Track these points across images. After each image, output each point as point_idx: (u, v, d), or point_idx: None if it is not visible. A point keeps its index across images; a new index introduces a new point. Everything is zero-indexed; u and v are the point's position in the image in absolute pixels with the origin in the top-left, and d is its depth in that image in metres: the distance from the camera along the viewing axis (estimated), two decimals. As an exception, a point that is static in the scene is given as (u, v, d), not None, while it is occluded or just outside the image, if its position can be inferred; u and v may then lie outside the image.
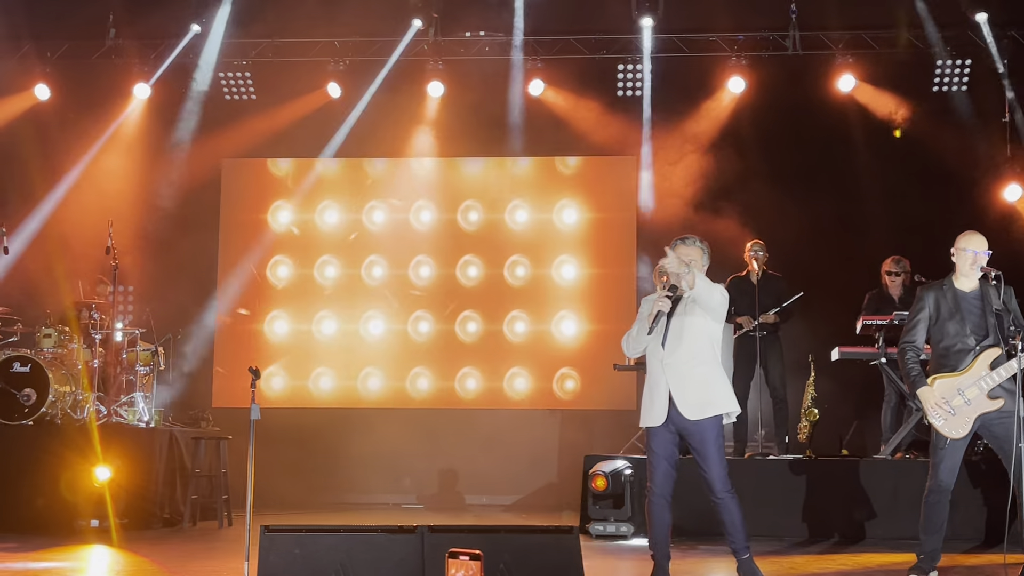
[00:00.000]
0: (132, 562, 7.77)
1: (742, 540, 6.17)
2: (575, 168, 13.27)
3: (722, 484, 6.12)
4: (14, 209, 12.28)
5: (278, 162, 13.51)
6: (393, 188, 13.42)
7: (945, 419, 6.60)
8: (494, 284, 13.22)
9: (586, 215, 13.16)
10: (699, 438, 6.15)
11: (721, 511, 6.15)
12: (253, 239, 13.42)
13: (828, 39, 12.42)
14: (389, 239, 13.36)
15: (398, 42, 12.70)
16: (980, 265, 6.72)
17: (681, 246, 6.27)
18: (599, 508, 9.31)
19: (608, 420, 12.53)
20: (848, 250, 11.97)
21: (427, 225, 13.36)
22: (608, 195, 13.19)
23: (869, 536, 9.05)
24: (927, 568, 6.72)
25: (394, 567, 5.80)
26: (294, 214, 13.41)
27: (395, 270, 13.29)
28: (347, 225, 13.41)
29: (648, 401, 6.23)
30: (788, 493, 9.22)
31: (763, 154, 12.38)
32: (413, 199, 13.36)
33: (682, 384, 6.14)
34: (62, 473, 9.40)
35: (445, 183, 13.43)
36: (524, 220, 13.27)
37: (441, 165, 13.43)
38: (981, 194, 12.11)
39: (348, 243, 13.32)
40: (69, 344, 10.39)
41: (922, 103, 12.40)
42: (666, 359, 6.16)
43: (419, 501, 12.72)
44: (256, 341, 13.25)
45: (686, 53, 12.63)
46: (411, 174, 13.43)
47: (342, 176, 13.51)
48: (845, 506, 9.22)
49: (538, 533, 6.09)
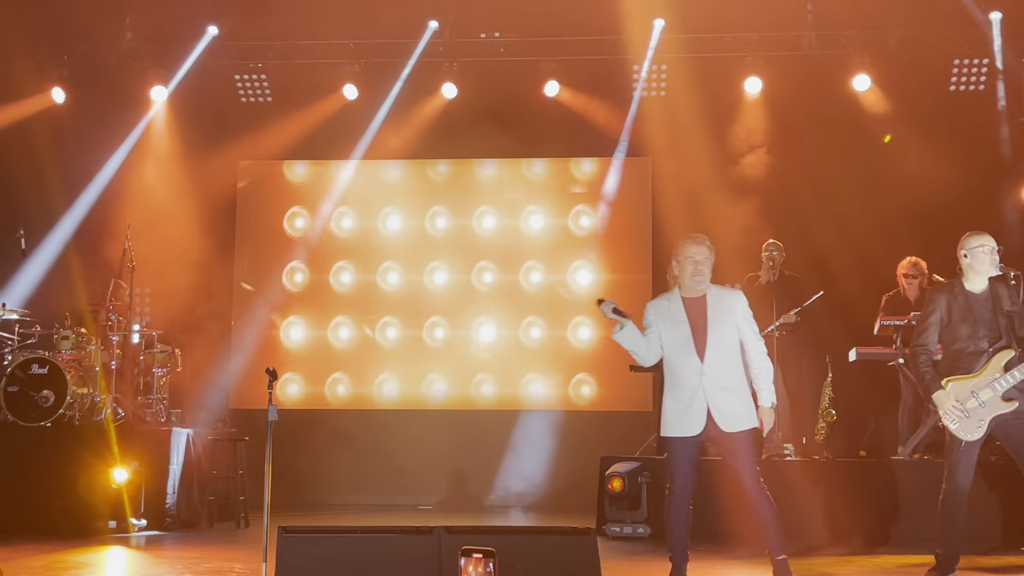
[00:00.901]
0: (150, 563, 7.79)
1: (778, 541, 6.16)
2: (590, 171, 13.24)
3: (755, 486, 6.13)
4: (32, 211, 12.31)
5: (294, 165, 13.53)
6: (408, 192, 13.42)
7: (959, 421, 6.57)
8: (510, 289, 13.21)
9: (601, 218, 13.13)
10: (733, 447, 6.15)
11: (757, 513, 6.16)
12: (269, 242, 13.46)
13: (844, 38, 12.38)
14: (403, 244, 13.38)
15: (413, 43, 12.70)
16: (997, 260, 6.71)
17: (692, 245, 6.27)
18: (615, 509, 9.31)
19: (624, 421, 12.51)
20: (866, 250, 11.91)
21: (442, 231, 13.37)
22: (623, 196, 13.16)
23: (887, 537, 9.00)
24: (946, 570, 6.70)
25: (411, 568, 5.80)
26: (310, 219, 13.43)
27: (410, 275, 13.31)
28: (364, 230, 13.42)
29: (679, 411, 6.18)
30: (805, 495, 9.18)
31: (779, 154, 12.36)
32: (427, 205, 13.35)
33: (722, 398, 6.13)
34: (80, 475, 9.44)
35: (458, 187, 13.43)
36: (538, 225, 13.25)
37: (454, 167, 13.42)
38: (1000, 194, 12.04)
39: (364, 248, 13.34)
40: (87, 346, 10.43)
41: (939, 103, 12.35)
42: (706, 371, 6.14)
43: (435, 503, 12.72)
44: (272, 342, 13.28)
45: (701, 53, 12.60)
46: (425, 178, 13.43)
47: (359, 180, 13.52)
48: (862, 508, 9.17)
49: (555, 534, 6.09)
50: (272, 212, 13.54)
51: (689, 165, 12.45)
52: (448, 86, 12.84)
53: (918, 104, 12.35)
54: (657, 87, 12.83)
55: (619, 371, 11.80)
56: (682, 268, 6.29)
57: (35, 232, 12.00)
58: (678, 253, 6.32)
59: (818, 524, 9.12)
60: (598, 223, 13.12)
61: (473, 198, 13.40)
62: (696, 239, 6.32)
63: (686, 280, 6.27)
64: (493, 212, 13.32)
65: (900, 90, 12.38)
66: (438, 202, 13.38)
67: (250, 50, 12.90)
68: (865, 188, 12.21)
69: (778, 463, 9.66)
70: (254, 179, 13.63)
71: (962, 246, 6.79)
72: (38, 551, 8.08)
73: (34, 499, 9.42)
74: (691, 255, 6.24)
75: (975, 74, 12.34)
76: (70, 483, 9.44)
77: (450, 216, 13.36)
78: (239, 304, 13.36)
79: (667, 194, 12.64)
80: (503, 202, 13.35)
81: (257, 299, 13.35)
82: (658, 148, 12.76)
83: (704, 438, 6.18)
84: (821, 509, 9.18)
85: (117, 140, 12.86)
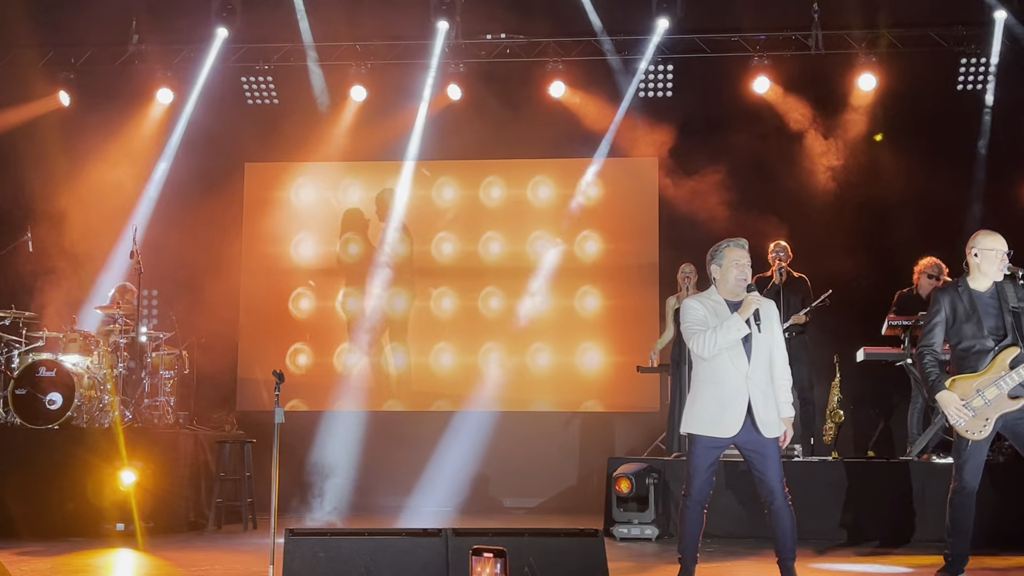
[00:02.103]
0: (158, 566, 7.80)
1: (792, 548, 6.16)
2: (596, 170, 13.23)
3: (782, 492, 6.13)
4: (39, 214, 12.34)
5: (299, 166, 13.55)
6: (421, 193, 13.44)
7: (966, 420, 6.54)
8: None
9: (608, 217, 13.13)
10: (764, 452, 6.13)
11: (777, 518, 6.13)
12: (275, 244, 13.48)
13: (851, 38, 12.36)
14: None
15: (420, 45, 12.71)
16: (1007, 264, 6.67)
17: (737, 248, 6.25)
18: (623, 511, 9.28)
19: (631, 422, 12.50)
20: (874, 249, 11.89)
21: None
22: (630, 197, 13.15)
23: (896, 538, 8.97)
24: (955, 570, 6.66)
25: (419, 570, 5.80)
26: (315, 230, 13.49)
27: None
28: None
29: (716, 411, 6.13)
30: (813, 496, 9.15)
31: (787, 153, 12.34)
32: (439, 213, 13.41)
33: (765, 402, 6.12)
34: (88, 477, 9.45)
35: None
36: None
37: (458, 168, 13.44)
38: (1008, 192, 12.01)
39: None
40: (94, 348, 10.44)
41: (946, 102, 12.33)
42: (751, 375, 6.11)
43: (442, 505, 12.69)
44: (280, 344, 13.31)
45: (708, 54, 12.59)
46: (437, 180, 13.44)
47: (363, 181, 13.53)
48: (871, 509, 9.16)
49: (563, 536, 6.08)
50: (278, 212, 13.55)
51: (696, 164, 12.44)
52: (453, 87, 12.82)
53: (922, 103, 12.32)
54: (664, 87, 12.82)
55: (627, 370, 11.82)
56: (725, 271, 6.23)
57: (42, 235, 12.02)
58: (720, 256, 6.26)
59: (826, 525, 9.10)
60: (604, 222, 13.13)
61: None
62: (739, 242, 6.27)
63: (731, 284, 6.20)
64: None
65: (907, 89, 12.35)
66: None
67: (256, 52, 12.91)
68: (873, 186, 12.18)
69: (786, 464, 9.62)
70: (260, 179, 13.63)
71: (972, 244, 6.74)
72: (46, 553, 8.10)
73: (42, 502, 9.42)
74: (736, 259, 6.20)
75: (982, 73, 12.30)
76: (78, 486, 9.45)
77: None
78: (245, 303, 13.37)
79: (673, 195, 12.66)
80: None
81: (263, 298, 13.38)
82: (664, 148, 12.79)
83: (736, 442, 6.15)
84: (829, 510, 9.16)
85: (124, 143, 12.87)
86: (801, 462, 9.57)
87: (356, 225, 13.50)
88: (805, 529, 8.95)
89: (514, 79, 12.86)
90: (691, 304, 6.31)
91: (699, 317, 6.21)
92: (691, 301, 6.34)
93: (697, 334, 6.16)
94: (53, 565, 7.54)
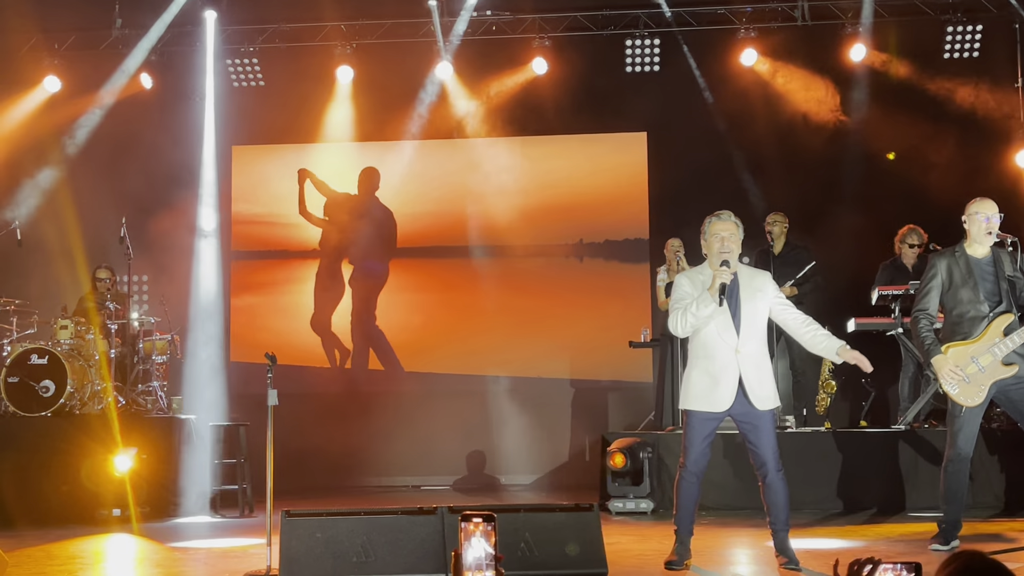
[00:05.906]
0: (155, 550, 7.81)
1: (785, 519, 6.19)
2: (585, 146, 13.20)
3: (776, 464, 6.15)
4: (26, 201, 12.29)
5: (286, 148, 13.50)
6: (408, 172, 13.40)
7: (960, 387, 6.57)
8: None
9: (597, 192, 13.11)
10: (758, 424, 6.15)
11: (771, 490, 6.17)
12: (263, 226, 13.44)
13: (837, 8, 12.32)
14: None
15: (405, 24, 12.65)
16: (994, 231, 6.68)
17: (717, 222, 6.24)
18: (618, 485, 9.31)
19: (624, 396, 12.52)
20: (862, 220, 11.90)
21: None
22: (618, 172, 13.13)
23: (889, 507, 9.03)
24: (949, 538, 6.71)
25: (415, 548, 5.83)
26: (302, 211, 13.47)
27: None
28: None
29: (708, 385, 6.14)
30: (806, 466, 9.20)
31: (774, 126, 12.33)
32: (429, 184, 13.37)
33: (758, 375, 6.13)
34: (83, 463, 9.45)
35: (456, 164, 13.43)
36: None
37: (448, 146, 13.40)
38: (996, 161, 12.02)
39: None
40: (86, 335, 10.41)
41: (934, 70, 12.31)
42: (741, 347, 6.11)
43: (436, 483, 12.72)
44: (271, 327, 13.30)
45: (695, 27, 12.55)
46: (428, 157, 13.41)
47: (349, 161, 13.50)
48: (864, 478, 9.21)
49: (559, 511, 6.11)
50: (266, 194, 13.50)
51: (685, 138, 12.43)
52: (443, 65, 12.76)
53: (911, 72, 12.31)
54: (651, 61, 12.78)
55: (619, 345, 11.83)
56: (710, 245, 6.24)
57: (30, 222, 11.95)
58: (705, 230, 6.28)
59: (819, 496, 9.15)
60: (594, 195, 13.12)
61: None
62: (721, 216, 6.27)
63: (714, 257, 6.22)
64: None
65: (895, 59, 12.33)
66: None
67: (241, 34, 12.84)
68: (860, 157, 12.18)
69: (779, 435, 9.65)
70: (247, 162, 13.59)
71: (965, 210, 6.79)
72: (42, 539, 8.09)
73: (37, 488, 9.43)
74: (717, 232, 6.20)
75: (969, 41, 12.27)
76: (73, 472, 9.46)
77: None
78: (236, 287, 13.35)
79: (664, 169, 12.65)
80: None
81: (252, 279, 13.35)
82: (653, 122, 12.77)
83: (731, 415, 6.17)
84: (822, 481, 9.20)
85: (110, 127, 12.80)
86: (794, 433, 9.61)
87: (342, 202, 13.47)
88: (799, 500, 9.02)
89: (499, 55, 12.80)
90: (679, 280, 6.35)
91: (682, 294, 6.24)
92: (680, 277, 6.39)
93: (673, 311, 6.22)
94: (49, 551, 7.54)
